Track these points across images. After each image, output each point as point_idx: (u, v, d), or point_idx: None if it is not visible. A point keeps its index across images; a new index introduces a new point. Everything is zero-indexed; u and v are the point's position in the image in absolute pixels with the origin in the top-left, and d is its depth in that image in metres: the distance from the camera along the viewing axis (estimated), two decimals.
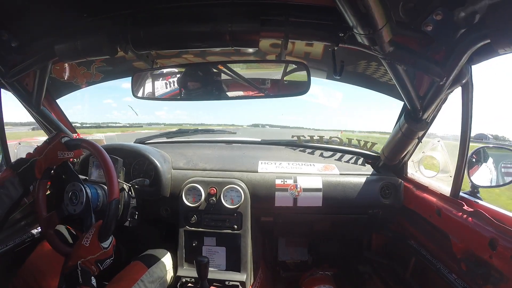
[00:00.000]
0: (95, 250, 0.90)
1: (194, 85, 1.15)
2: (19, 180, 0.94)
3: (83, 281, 0.83)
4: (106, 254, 0.92)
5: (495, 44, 0.70)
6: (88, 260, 0.88)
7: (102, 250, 0.91)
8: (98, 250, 0.90)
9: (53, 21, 1.00)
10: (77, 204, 1.02)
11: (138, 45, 0.97)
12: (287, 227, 1.74)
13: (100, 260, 0.91)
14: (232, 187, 1.32)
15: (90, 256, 0.88)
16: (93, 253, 0.89)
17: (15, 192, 0.94)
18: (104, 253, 0.92)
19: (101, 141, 1.82)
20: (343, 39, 0.90)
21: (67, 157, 1.03)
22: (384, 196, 1.36)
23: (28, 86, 1.26)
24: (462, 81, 0.91)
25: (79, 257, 0.87)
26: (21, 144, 1.47)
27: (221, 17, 0.90)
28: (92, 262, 0.89)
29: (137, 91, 1.19)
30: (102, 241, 0.92)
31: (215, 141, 1.89)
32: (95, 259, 0.89)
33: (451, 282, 1.02)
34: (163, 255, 1.31)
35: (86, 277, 0.85)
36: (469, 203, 1.00)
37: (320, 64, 1.49)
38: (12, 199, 0.93)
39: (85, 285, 0.83)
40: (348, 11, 0.70)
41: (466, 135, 0.99)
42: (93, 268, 0.89)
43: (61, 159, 1.03)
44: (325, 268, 1.70)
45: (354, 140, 1.66)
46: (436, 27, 0.79)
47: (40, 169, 0.99)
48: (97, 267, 0.90)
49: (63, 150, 1.02)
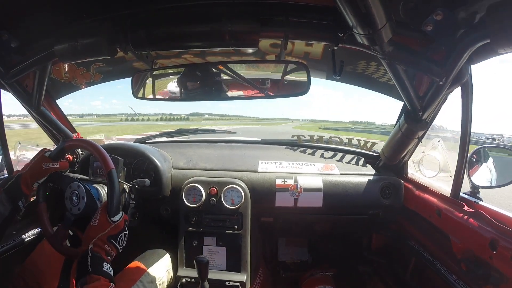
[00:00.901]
0: (104, 226, 0.86)
1: (194, 85, 1.14)
2: (6, 196, 0.93)
3: (93, 268, 0.78)
4: (117, 228, 0.88)
5: (494, 44, 0.70)
6: (99, 239, 0.83)
7: (112, 224, 0.87)
8: (108, 225, 0.86)
9: (53, 22, 1.00)
10: (79, 202, 1.00)
11: (138, 46, 0.97)
12: (287, 227, 1.73)
13: (113, 236, 0.86)
14: (232, 187, 1.32)
15: (100, 234, 0.84)
16: (102, 229, 0.85)
17: (3, 208, 0.92)
18: (115, 226, 0.87)
19: (101, 140, 1.82)
20: (342, 39, 0.90)
21: (52, 167, 1.00)
22: (384, 196, 1.36)
23: (28, 86, 1.26)
24: (462, 81, 0.91)
25: (90, 239, 0.83)
26: (21, 144, 1.47)
27: (221, 17, 0.90)
28: (104, 240, 0.84)
29: (137, 91, 1.19)
30: (111, 217, 0.88)
31: (215, 141, 1.89)
32: (107, 236, 0.85)
33: (451, 282, 1.02)
34: (162, 256, 1.30)
35: (97, 264, 0.79)
36: (470, 203, 1.00)
37: (320, 64, 1.49)
38: (2, 216, 0.91)
39: (96, 273, 0.77)
40: (348, 11, 0.70)
41: (466, 135, 0.99)
42: (106, 248, 0.84)
43: (46, 170, 0.99)
44: (325, 268, 1.69)
45: (354, 139, 1.66)
46: (436, 27, 0.79)
47: (26, 184, 0.96)
48: (111, 245, 0.85)
49: (47, 161, 1.00)
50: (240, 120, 23.62)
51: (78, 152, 1.57)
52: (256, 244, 1.46)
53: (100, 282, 0.76)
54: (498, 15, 0.66)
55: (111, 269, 0.82)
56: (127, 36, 0.95)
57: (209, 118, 17.60)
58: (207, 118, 18.31)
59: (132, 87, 1.16)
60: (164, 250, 1.34)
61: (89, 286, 0.74)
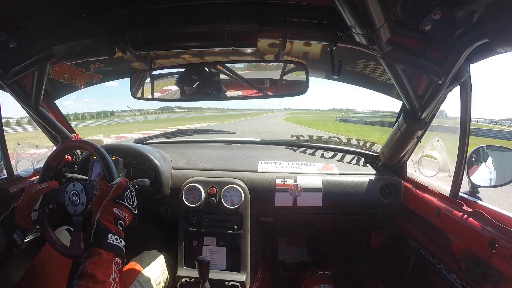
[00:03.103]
0: (106, 190, 0.85)
1: (192, 85, 1.14)
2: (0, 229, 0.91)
3: (95, 240, 0.75)
4: (119, 187, 0.86)
5: (493, 43, 0.70)
6: (106, 204, 0.81)
7: (112, 187, 0.86)
8: (109, 188, 0.85)
9: (51, 22, 1.00)
10: (80, 198, 0.98)
11: (136, 46, 0.97)
12: (287, 227, 1.74)
13: (118, 196, 0.84)
14: (232, 187, 1.32)
15: (105, 200, 0.83)
16: (106, 194, 0.84)
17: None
18: (117, 187, 0.86)
19: (100, 141, 1.82)
20: (341, 38, 0.90)
21: (42, 188, 0.98)
22: (384, 196, 1.36)
23: (27, 87, 1.26)
24: (461, 80, 0.91)
25: (96, 210, 0.82)
26: (20, 144, 1.47)
27: (219, 17, 0.90)
28: (110, 204, 0.82)
29: (136, 91, 1.19)
30: (110, 182, 0.88)
31: (214, 141, 1.89)
32: (112, 198, 0.83)
33: (451, 281, 1.02)
34: (156, 256, 1.31)
35: (100, 235, 0.76)
36: (469, 203, 1.00)
37: (319, 64, 1.49)
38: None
39: (97, 245, 0.74)
40: (347, 10, 0.70)
41: (465, 134, 0.99)
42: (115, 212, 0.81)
43: (36, 193, 0.97)
44: (325, 267, 1.69)
45: (353, 139, 1.66)
46: (435, 26, 0.79)
47: (22, 215, 0.94)
48: (120, 206, 0.83)
49: (35, 186, 0.99)
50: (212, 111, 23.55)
51: (77, 153, 1.57)
52: (256, 244, 1.46)
53: (102, 257, 0.73)
54: (496, 14, 0.66)
55: (120, 241, 0.78)
56: (126, 36, 0.95)
57: (182, 111, 17.55)
58: (178, 111, 18.29)
59: (131, 87, 1.16)
60: (158, 251, 1.35)
61: (90, 261, 0.71)
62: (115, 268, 0.73)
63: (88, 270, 0.70)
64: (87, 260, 0.72)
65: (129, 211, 0.86)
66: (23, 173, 1.42)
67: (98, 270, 0.70)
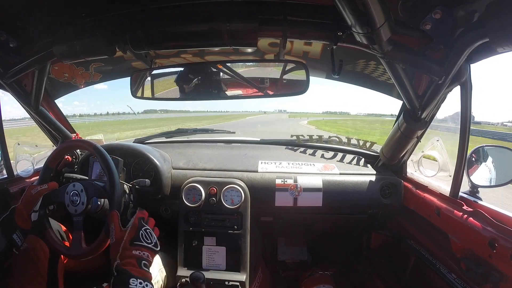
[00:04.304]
0: (121, 236, 0.83)
1: (193, 84, 1.14)
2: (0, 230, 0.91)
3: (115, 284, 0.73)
4: (133, 228, 0.85)
5: (494, 42, 0.70)
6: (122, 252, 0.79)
7: (126, 230, 0.85)
8: (124, 233, 0.84)
9: (52, 22, 1.00)
10: (80, 198, 0.98)
11: (137, 45, 0.97)
12: (287, 227, 1.73)
13: (134, 237, 0.83)
14: (232, 187, 1.32)
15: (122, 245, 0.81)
16: (121, 239, 0.82)
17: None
18: (131, 228, 0.85)
19: (100, 141, 1.82)
20: (341, 38, 0.90)
21: (42, 189, 0.98)
22: (383, 196, 1.36)
23: (27, 86, 1.26)
24: (461, 80, 0.91)
25: (114, 256, 0.80)
26: (20, 144, 1.47)
27: (220, 17, 0.90)
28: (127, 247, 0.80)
29: (136, 91, 1.19)
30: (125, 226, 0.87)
31: (214, 141, 1.89)
32: (128, 241, 0.82)
33: (451, 281, 1.02)
34: None
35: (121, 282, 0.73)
36: (469, 203, 1.00)
37: (319, 63, 1.49)
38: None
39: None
40: (347, 10, 0.70)
41: (465, 134, 0.99)
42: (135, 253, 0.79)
43: (36, 194, 0.97)
44: (325, 267, 1.69)
45: (353, 139, 1.66)
46: (435, 26, 0.79)
47: (21, 216, 0.93)
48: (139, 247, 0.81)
49: (35, 188, 0.98)
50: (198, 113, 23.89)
51: (77, 153, 1.57)
52: (256, 244, 1.46)
53: None
54: (496, 13, 0.66)
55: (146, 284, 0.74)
56: (126, 35, 0.95)
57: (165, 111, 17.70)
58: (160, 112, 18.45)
59: (131, 87, 1.16)
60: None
61: None
62: None
63: None
64: None
65: (150, 250, 0.84)
66: (23, 173, 1.42)
67: None
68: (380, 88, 1.48)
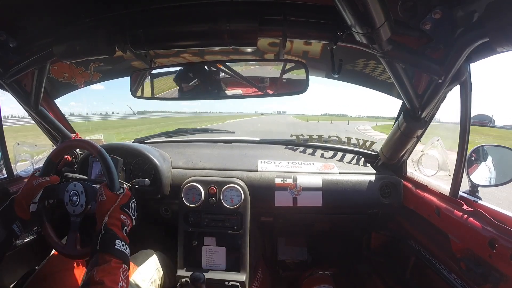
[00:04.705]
0: (113, 197, 0.86)
1: (192, 84, 1.14)
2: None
3: (102, 246, 0.75)
4: (126, 196, 0.89)
5: (493, 42, 0.70)
6: (113, 211, 0.82)
7: (120, 195, 0.88)
8: (116, 196, 0.87)
9: (51, 22, 1.00)
10: (79, 199, 0.97)
11: (136, 45, 0.97)
12: (286, 226, 1.73)
13: (125, 204, 0.87)
14: (231, 187, 1.32)
15: (113, 205, 0.84)
16: (113, 201, 0.85)
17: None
18: (124, 195, 0.89)
19: (100, 140, 1.82)
20: (341, 37, 0.90)
21: (43, 182, 0.98)
22: (383, 195, 1.36)
23: (27, 86, 1.26)
24: (461, 79, 0.91)
25: (103, 214, 0.82)
26: (19, 144, 1.47)
27: (220, 16, 0.90)
28: (118, 210, 0.84)
29: (136, 90, 1.18)
30: (115, 191, 0.89)
31: (214, 141, 1.89)
32: (119, 205, 0.85)
33: (451, 281, 1.02)
34: (150, 255, 1.32)
35: (108, 240, 0.76)
36: (469, 202, 1.00)
37: (319, 63, 1.49)
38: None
39: (106, 251, 0.74)
40: (347, 9, 0.70)
41: (465, 133, 0.99)
42: (122, 218, 0.83)
43: (37, 186, 0.97)
44: (325, 267, 1.69)
45: (353, 139, 1.66)
46: (435, 26, 0.79)
47: (21, 206, 0.93)
48: (126, 214, 0.85)
49: (37, 179, 0.98)
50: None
51: (77, 152, 1.57)
52: (256, 244, 1.46)
53: (110, 265, 0.72)
54: (496, 13, 0.66)
55: (126, 247, 0.78)
56: (126, 35, 0.95)
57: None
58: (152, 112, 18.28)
59: (131, 86, 1.16)
60: (152, 250, 1.35)
61: (98, 268, 0.71)
62: (122, 276, 0.72)
63: (97, 277, 0.68)
64: (96, 267, 0.71)
65: (131, 220, 0.88)
66: (23, 173, 1.42)
67: (107, 278, 0.69)
68: (379, 88, 1.48)
